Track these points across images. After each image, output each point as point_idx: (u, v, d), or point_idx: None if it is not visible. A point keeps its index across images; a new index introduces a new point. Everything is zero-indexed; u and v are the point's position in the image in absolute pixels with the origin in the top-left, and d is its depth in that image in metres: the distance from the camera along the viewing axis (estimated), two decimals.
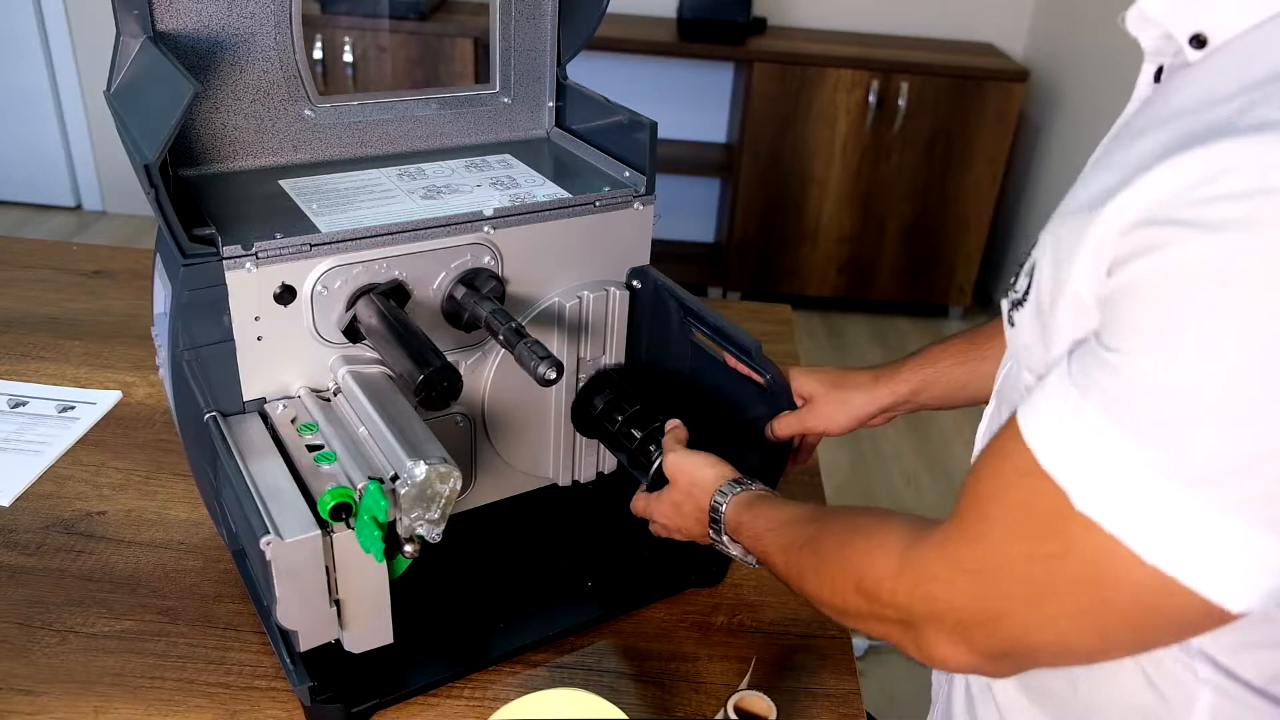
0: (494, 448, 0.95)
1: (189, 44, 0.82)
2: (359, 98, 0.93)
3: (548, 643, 0.86)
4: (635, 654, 0.86)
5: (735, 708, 0.74)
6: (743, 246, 3.14)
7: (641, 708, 0.80)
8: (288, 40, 0.85)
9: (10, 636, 0.83)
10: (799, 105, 2.94)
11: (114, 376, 1.18)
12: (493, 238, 0.85)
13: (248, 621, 0.86)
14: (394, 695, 0.79)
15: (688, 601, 0.91)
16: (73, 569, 0.90)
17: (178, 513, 0.98)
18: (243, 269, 0.75)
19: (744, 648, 0.85)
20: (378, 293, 0.80)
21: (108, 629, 0.84)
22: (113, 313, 1.32)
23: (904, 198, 3.06)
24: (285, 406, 0.81)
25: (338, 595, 0.73)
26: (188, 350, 0.77)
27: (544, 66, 0.99)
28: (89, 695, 0.78)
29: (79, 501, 0.98)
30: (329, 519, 0.70)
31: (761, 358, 0.85)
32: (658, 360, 0.96)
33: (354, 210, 0.83)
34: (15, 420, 1.10)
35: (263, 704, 0.78)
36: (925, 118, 2.94)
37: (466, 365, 0.90)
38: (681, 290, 0.93)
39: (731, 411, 0.90)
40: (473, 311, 0.83)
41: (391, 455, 0.75)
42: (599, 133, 0.98)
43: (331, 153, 0.93)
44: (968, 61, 2.95)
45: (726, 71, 3.24)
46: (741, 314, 1.45)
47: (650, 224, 0.94)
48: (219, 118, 0.86)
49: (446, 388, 0.73)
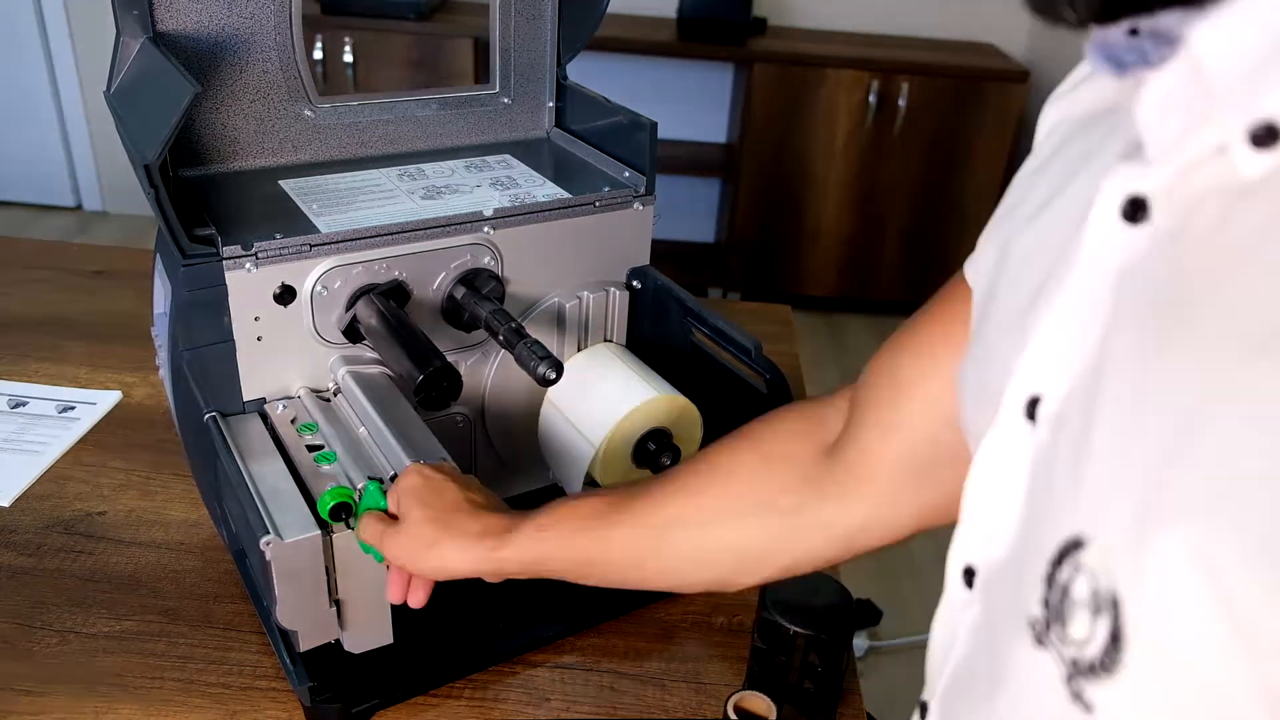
0: (494, 448, 0.95)
1: (189, 44, 0.82)
2: (359, 98, 0.93)
3: (548, 643, 0.86)
4: (635, 654, 0.86)
5: (735, 708, 0.74)
6: (743, 246, 3.14)
7: (641, 708, 0.81)
8: (288, 40, 0.85)
9: (10, 637, 0.83)
10: (799, 105, 2.94)
11: (114, 376, 1.18)
12: (493, 238, 0.85)
13: (248, 621, 0.86)
14: (394, 695, 0.79)
15: (688, 601, 0.91)
16: (73, 569, 0.90)
17: (178, 513, 0.98)
18: (243, 269, 0.75)
19: (744, 648, 0.85)
20: (378, 293, 0.80)
21: (108, 629, 0.84)
22: (113, 313, 1.32)
23: (904, 198, 3.06)
24: (285, 407, 0.81)
25: (338, 595, 0.73)
26: (188, 350, 0.77)
27: (544, 67, 0.99)
28: (89, 696, 0.78)
29: (79, 502, 0.98)
30: (329, 519, 0.70)
31: (761, 358, 0.85)
32: (658, 361, 0.96)
33: (354, 210, 0.83)
34: (15, 420, 1.10)
35: (263, 704, 0.78)
36: (926, 118, 2.94)
37: (466, 365, 0.90)
38: (681, 290, 0.93)
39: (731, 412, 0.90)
40: (473, 311, 0.83)
41: (391, 455, 0.75)
42: (599, 133, 0.98)
43: (331, 153, 0.93)
44: (968, 61, 2.94)
45: (726, 71, 3.24)
46: (741, 314, 1.45)
47: (650, 224, 0.94)
48: (219, 118, 0.86)
49: (446, 388, 0.73)
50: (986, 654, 0.42)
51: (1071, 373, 0.38)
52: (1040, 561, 0.36)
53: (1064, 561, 0.35)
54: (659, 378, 0.91)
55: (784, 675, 0.77)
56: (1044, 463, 0.39)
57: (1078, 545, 0.34)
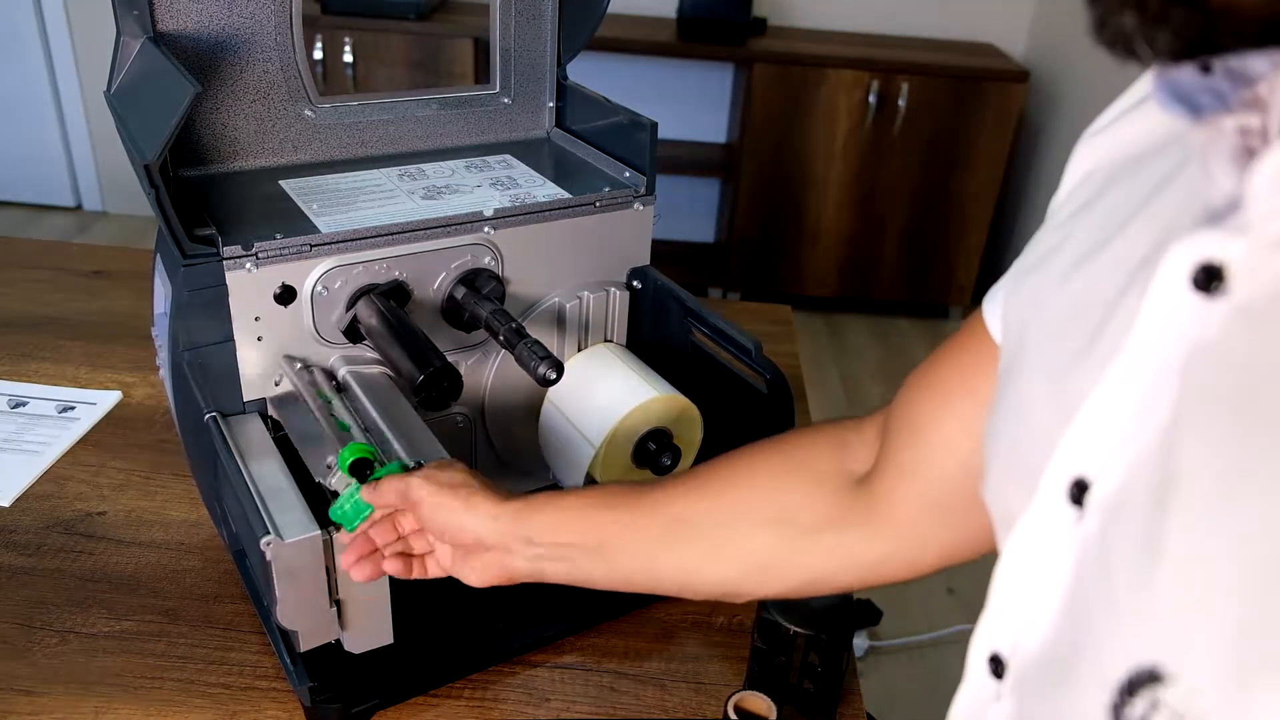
0: (494, 448, 0.95)
1: (189, 44, 0.82)
2: (359, 98, 0.93)
3: (548, 643, 0.86)
4: (635, 654, 0.86)
5: (735, 708, 0.74)
6: (743, 246, 3.14)
7: (641, 708, 0.81)
8: (288, 40, 0.85)
9: (10, 637, 0.83)
10: (799, 105, 2.94)
11: (114, 376, 1.18)
12: (493, 238, 0.85)
13: (248, 621, 0.86)
14: (394, 695, 0.79)
15: (688, 601, 0.91)
16: (73, 569, 0.90)
17: (178, 513, 0.98)
18: (243, 269, 0.75)
19: (744, 648, 0.85)
20: (378, 293, 0.80)
21: (108, 629, 0.84)
22: (113, 313, 1.32)
23: (904, 198, 3.06)
24: (302, 366, 0.81)
25: (338, 595, 0.73)
26: (188, 350, 0.77)
27: (544, 67, 0.99)
28: (89, 696, 0.78)
29: (79, 502, 0.98)
30: (348, 473, 0.69)
31: (761, 358, 0.85)
32: (658, 361, 0.96)
33: (354, 210, 0.83)
34: (15, 420, 1.10)
35: (263, 704, 0.78)
36: (925, 118, 2.94)
37: (466, 365, 0.90)
38: (682, 290, 0.93)
39: (731, 412, 0.90)
40: (473, 311, 0.83)
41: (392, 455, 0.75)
42: (599, 133, 0.98)
43: (332, 153, 0.93)
44: (968, 61, 2.94)
45: (726, 72, 3.24)
46: (741, 314, 1.45)
47: (650, 224, 0.94)
48: (219, 118, 0.86)
49: (446, 388, 0.73)
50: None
51: (1128, 460, 0.34)
52: (1102, 687, 0.33)
53: (1136, 694, 0.31)
54: (659, 378, 0.91)
55: (784, 675, 0.77)
56: (1096, 558, 0.35)
57: (1154, 678, 0.31)
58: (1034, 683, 0.39)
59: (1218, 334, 0.31)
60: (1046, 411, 0.40)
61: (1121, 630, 0.32)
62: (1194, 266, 0.32)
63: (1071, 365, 0.39)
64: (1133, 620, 0.32)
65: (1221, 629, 0.28)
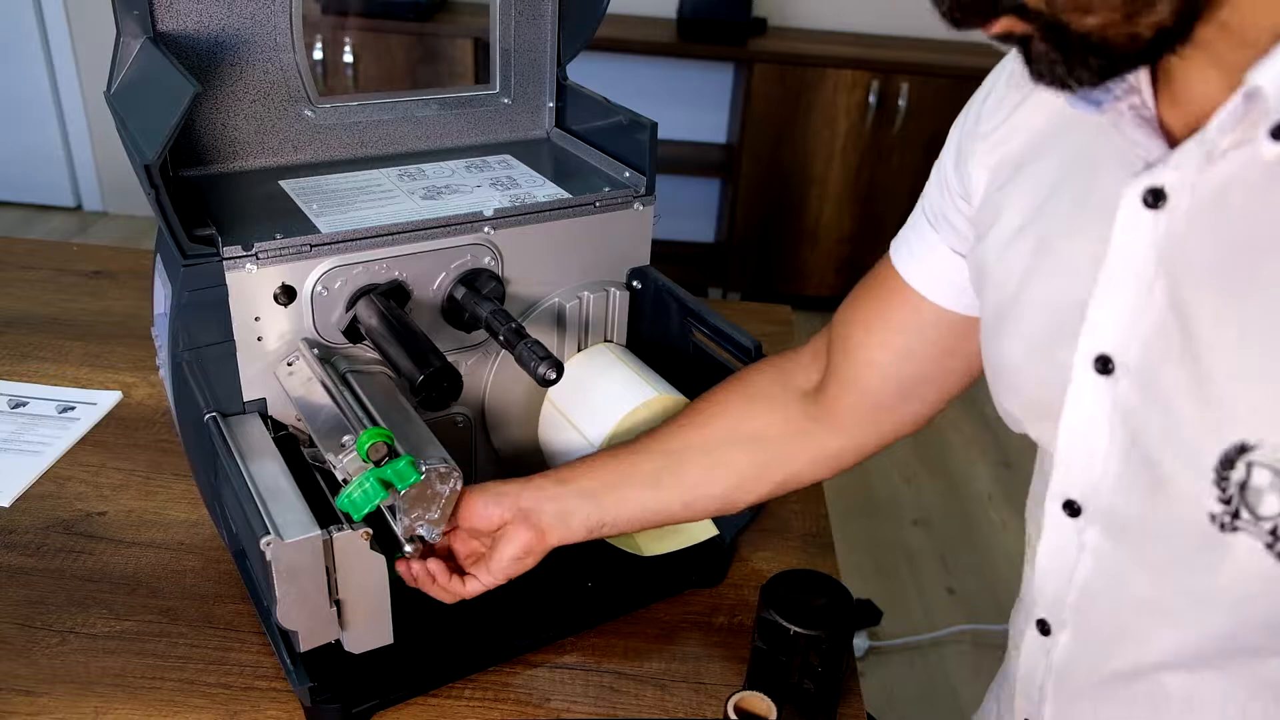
0: (494, 448, 0.95)
1: (189, 44, 0.82)
2: (359, 98, 0.93)
3: (548, 643, 0.86)
4: (635, 654, 0.86)
5: (735, 708, 0.74)
6: (743, 246, 3.14)
7: (641, 708, 0.81)
8: (288, 40, 0.85)
9: (10, 637, 0.83)
10: (799, 106, 2.94)
11: (114, 377, 1.18)
12: (493, 238, 0.85)
13: (248, 622, 0.86)
14: (394, 695, 0.79)
15: (688, 601, 0.91)
16: (73, 569, 0.90)
17: (178, 513, 0.98)
18: (243, 269, 0.75)
19: (744, 648, 0.85)
20: (378, 293, 0.80)
21: (108, 629, 0.84)
22: (113, 313, 1.32)
23: (904, 198, 3.06)
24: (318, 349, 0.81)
25: (338, 595, 0.72)
26: (188, 350, 0.77)
27: (544, 67, 0.99)
28: (89, 695, 0.78)
29: (79, 502, 0.99)
30: (365, 458, 0.69)
31: (761, 357, 0.85)
32: (658, 361, 0.96)
33: (354, 210, 0.83)
34: (15, 421, 1.10)
35: (263, 704, 0.78)
36: (925, 118, 2.94)
37: (466, 365, 0.90)
38: (682, 291, 0.93)
39: None
40: (473, 312, 0.83)
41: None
42: (599, 133, 0.98)
43: (332, 153, 0.93)
44: (968, 61, 2.94)
45: (726, 72, 3.24)
46: (741, 314, 1.45)
47: (650, 224, 0.94)
48: (219, 118, 0.86)
49: (446, 388, 0.73)
50: (1135, 559, 0.53)
51: (1139, 333, 0.49)
52: (1197, 475, 0.46)
53: (1235, 463, 0.45)
54: (659, 378, 0.91)
55: (784, 675, 0.77)
56: (1145, 404, 0.49)
57: (1244, 449, 0.45)
58: (1120, 504, 0.53)
59: (1179, 236, 0.47)
60: (1054, 322, 0.54)
61: (1201, 436, 0.46)
62: (1144, 192, 0.48)
63: (1063, 289, 0.54)
64: (1211, 426, 0.45)
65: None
